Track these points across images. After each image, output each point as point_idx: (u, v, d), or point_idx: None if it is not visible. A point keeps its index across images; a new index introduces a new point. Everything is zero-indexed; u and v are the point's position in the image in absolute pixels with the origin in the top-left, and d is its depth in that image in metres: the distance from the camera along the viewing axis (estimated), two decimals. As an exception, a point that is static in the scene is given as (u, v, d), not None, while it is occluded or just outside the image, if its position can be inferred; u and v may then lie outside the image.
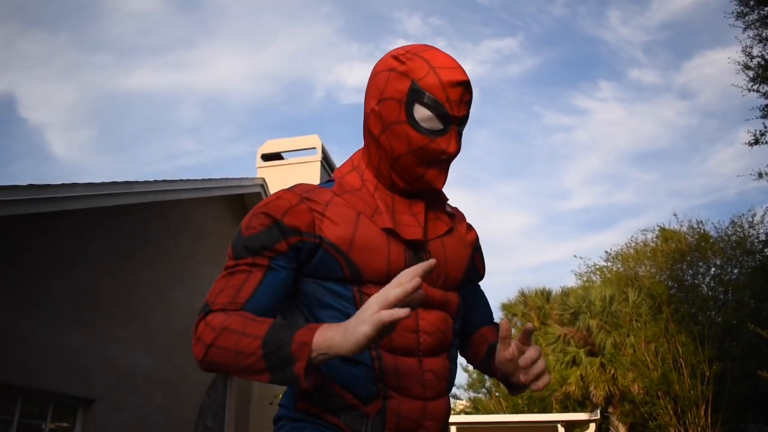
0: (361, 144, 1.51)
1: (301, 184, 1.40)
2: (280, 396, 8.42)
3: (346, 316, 1.29)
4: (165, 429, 7.71)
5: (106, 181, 6.53)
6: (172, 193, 7.83)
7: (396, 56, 1.37)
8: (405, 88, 1.33)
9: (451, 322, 1.43)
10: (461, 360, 21.43)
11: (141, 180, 7.12)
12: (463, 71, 1.35)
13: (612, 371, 16.93)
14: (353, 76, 51.81)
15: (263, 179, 10.38)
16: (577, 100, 45.61)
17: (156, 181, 7.43)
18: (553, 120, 45.49)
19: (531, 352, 1.28)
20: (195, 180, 8.41)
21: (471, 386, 20.42)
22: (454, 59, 1.36)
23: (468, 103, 1.36)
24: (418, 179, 1.38)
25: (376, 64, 1.42)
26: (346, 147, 56.40)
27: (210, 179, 8.86)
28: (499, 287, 51.85)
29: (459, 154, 1.39)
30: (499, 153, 49.64)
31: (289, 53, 52.68)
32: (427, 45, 1.39)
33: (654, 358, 14.83)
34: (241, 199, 10.31)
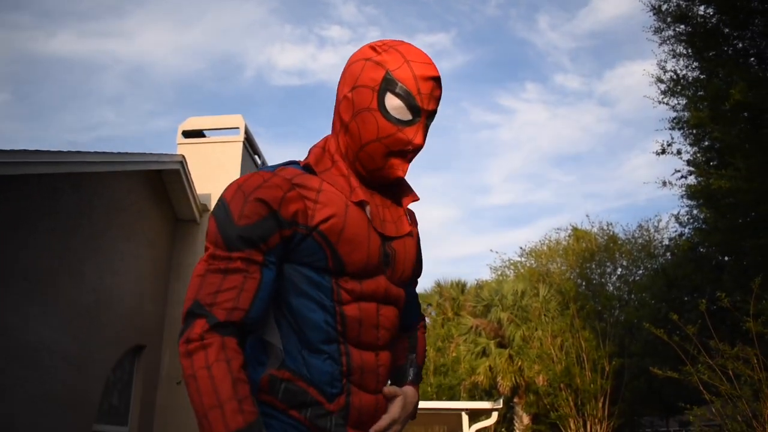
0: (287, 125, 1.55)
1: (283, 168, 1.40)
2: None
3: (321, 307, 1.32)
4: (68, 406, 7.55)
5: (17, 148, 6.32)
6: (85, 165, 7.62)
7: (373, 47, 1.42)
8: (379, 77, 1.36)
9: (399, 316, 1.49)
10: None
11: (53, 150, 6.91)
12: (436, 68, 1.40)
13: (519, 363, 17.48)
14: (285, 58, 51.20)
15: (183, 156, 10.20)
16: (504, 99, 46.73)
17: (69, 152, 7.22)
18: (479, 117, 46.48)
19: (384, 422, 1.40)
20: (111, 153, 8.21)
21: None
22: (427, 56, 1.41)
23: (437, 99, 1.41)
24: (381, 168, 1.41)
25: (353, 54, 1.45)
26: (274, 129, 55.57)
27: (127, 153, 8.66)
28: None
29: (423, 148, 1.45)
30: (426, 146, 50.13)
31: (220, 30, 51.57)
32: (403, 41, 1.44)
33: (559, 352, 15.42)
34: (158, 175, 10.11)
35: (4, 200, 6.69)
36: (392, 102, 1.36)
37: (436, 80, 1.39)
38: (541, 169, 47.01)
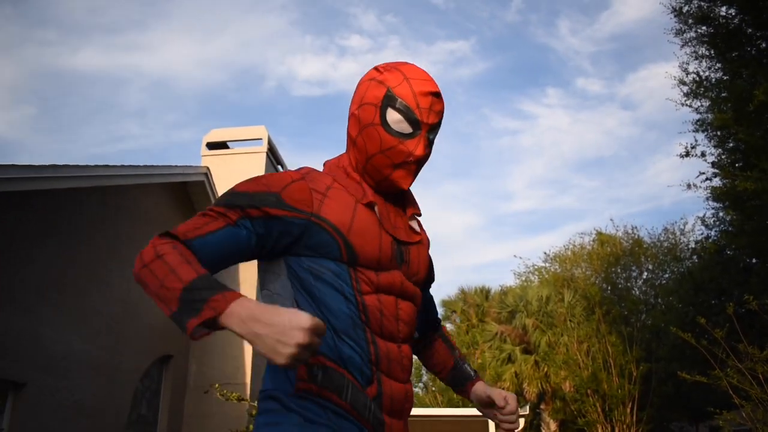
0: (308, 136, 1.70)
1: (305, 167, 1.54)
2: (217, 385, 8.36)
3: (343, 295, 1.41)
4: (97, 415, 7.66)
5: (46, 163, 6.46)
6: (112, 178, 7.76)
7: (377, 69, 1.55)
8: (381, 94, 1.49)
9: (416, 314, 1.60)
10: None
11: (81, 164, 7.04)
12: (435, 84, 1.51)
13: (545, 369, 17.38)
14: (306, 69, 51.49)
15: (207, 168, 10.33)
16: (525, 105, 46.50)
17: (96, 166, 7.36)
18: (500, 123, 46.30)
19: (512, 407, 1.69)
20: (137, 166, 8.34)
21: (407, 381, 20.68)
22: (427, 73, 1.53)
23: (438, 113, 1.51)
24: (386, 179, 1.52)
25: (362, 77, 1.58)
26: (295, 139, 55.88)
27: (152, 166, 8.80)
28: (440, 284, 52.45)
29: (428, 159, 1.56)
30: (447, 153, 50.10)
31: (242, 42, 51.98)
32: (407, 62, 1.56)
33: (585, 358, 15.29)
34: (183, 187, 10.25)
35: (34, 214, 6.83)
36: (393, 116, 1.48)
37: (435, 95, 1.50)
38: (564, 175, 46.69)
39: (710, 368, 9.19)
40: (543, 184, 48.28)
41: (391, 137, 1.48)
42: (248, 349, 10.08)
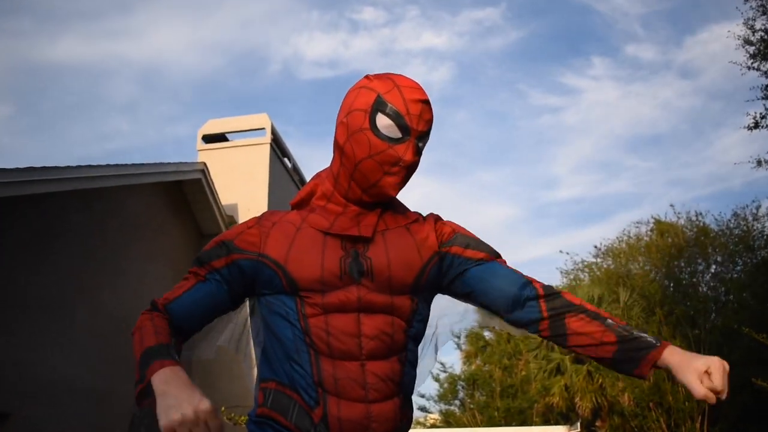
0: (319, 124, 1.88)
1: (266, 212, 1.84)
2: (223, 408, 8.50)
3: (289, 323, 1.66)
4: (90, 447, 7.80)
5: (23, 166, 6.58)
6: (97, 180, 7.87)
7: (367, 77, 1.74)
8: (371, 100, 1.67)
9: (403, 325, 1.68)
10: (433, 370, 21.69)
11: (62, 165, 7.16)
12: (424, 92, 1.71)
13: (600, 380, 17.32)
14: (313, 48, 51.50)
15: (204, 164, 10.43)
16: (567, 78, 46.01)
17: (79, 167, 7.47)
18: (539, 100, 45.88)
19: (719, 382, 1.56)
20: (125, 165, 8.46)
21: (442, 397, 20.75)
22: (417, 82, 1.72)
23: (428, 122, 1.70)
24: (374, 185, 1.69)
25: (350, 88, 1.78)
26: (304, 128, 55.91)
27: (142, 164, 8.91)
28: (478, 287, 52.12)
29: (416, 168, 1.73)
30: (479, 136, 49.84)
31: (240, 21, 52.12)
32: (396, 73, 1.75)
33: (646, 366, 15.21)
34: (178, 187, 10.35)
35: (11, 223, 6.96)
36: (383, 121, 1.66)
37: (425, 103, 1.69)
38: (616, 156, 46.27)
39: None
40: (591, 168, 47.90)
41: (381, 142, 1.65)
42: (256, 369, 10.19)
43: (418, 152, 1.70)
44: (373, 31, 48.69)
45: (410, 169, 1.70)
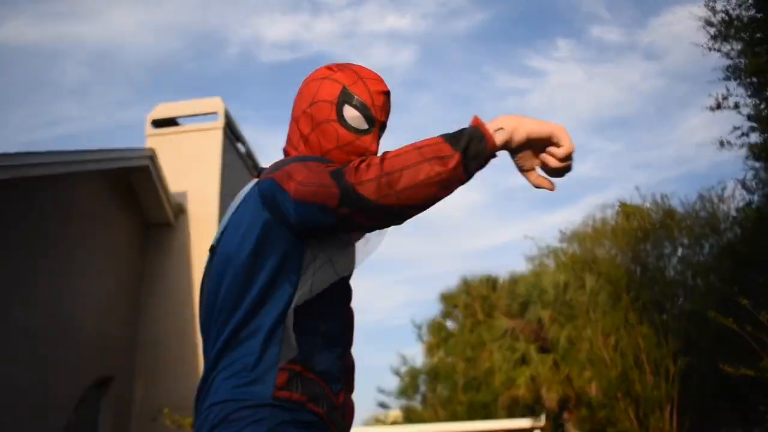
0: (279, 108, 1.95)
1: None
2: (166, 410, 8.40)
3: (346, 305, 1.72)
4: (32, 452, 7.70)
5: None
6: (36, 167, 7.73)
7: (329, 67, 1.84)
8: (337, 91, 1.78)
9: None
10: (392, 363, 21.70)
11: (-3, 152, 7.04)
12: (385, 83, 1.83)
13: (566, 370, 17.54)
14: (274, 31, 51.20)
15: (152, 150, 10.32)
16: (532, 60, 46.55)
17: (16, 154, 7.34)
18: (505, 82, 46.38)
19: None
20: (67, 152, 8.33)
21: (402, 392, 20.84)
22: (377, 73, 1.84)
23: (388, 112, 1.84)
24: None
25: (308, 76, 1.86)
26: (264, 112, 55.60)
27: (85, 151, 8.78)
28: (440, 275, 52.72)
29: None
30: (443, 119, 50.25)
31: (198, 2, 51.56)
32: (354, 63, 1.87)
33: (613, 354, 15.42)
34: (126, 175, 10.22)
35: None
36: (350, 113, 1.77)
37: (387, 95, 1.83)
38: (581, 139, 46.73)
39: (759, 359, 9.36)
40: (556, 150, 48.31)
41: (349, 133, 1.76)
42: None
43: (379, 140, 1.82)
44: (335, 13, 48.56)
45: None
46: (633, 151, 45.34)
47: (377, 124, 1.79)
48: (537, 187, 1.62)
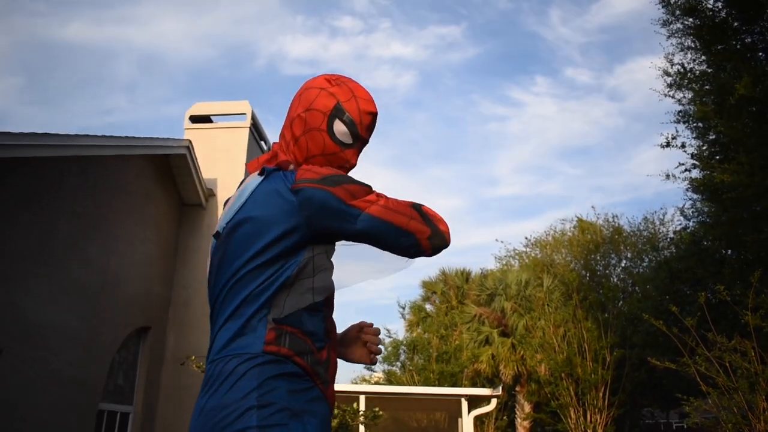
0: None
1: None
2: (193, 357, 8.38)
3: (329, 273, 1.67)
4: (74, 385, 7.69)
5: (26, 131, 6.41)
6: (94, 148, 7.71)
7: (328, 80, 1.75)
8: (331, 105, 1.70)
9: None
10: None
11: (62, 133, 7.00)
12: (376, 105, 1.76)
13: (522, 352, 17.53)
14: (296, 48, 51.10)
15: (189, 141, 10.29)
16: (513, 92, 46.60)
17: (77, 135, 7.31)
18: (488, 109, 46.37)
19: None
20: (118, 137, 8.30)
21: (386, 359, 20.81)
22: (370, 95, 1.76)
23: (372, 131, 1.77)
24: None
25: (307, 82, 1.78)
26: (283, 117, 55.38)
27: (134, 137, 8.75)
28: (422, 267, 52.74)
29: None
30: (434, 136, 50.20)
31: (234, 18, 51.55)
32: (353, 79, 1.78)
33: (561, 342, 15.45)
34: (166, 160, 10.21)
35: (13, 182, 6.79)
36: (339, 127, 1.71)
37: (375, 116, 1.76)
38: (549, 162, 46.98)
39: (681, 356, 9.37)
40: (528, 171, 48.52)
41: (335, 145, 1.70)
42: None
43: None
44: (349, 38, 48.49)
45: (352, 169, 1.77)
46: (592, 176, 45.49)
47: (361, 140, 1.75)
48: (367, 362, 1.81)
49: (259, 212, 1.57)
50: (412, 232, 1.58)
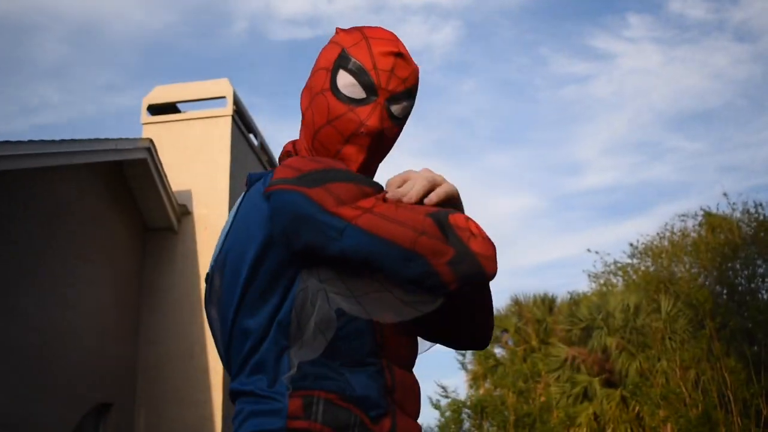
0: (295, 96, 1.90)
1: None
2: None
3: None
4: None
5: None
6: (15, 160, 7.75)
7: (338, 30, 1.77)
8: (334, 55, 1.69)
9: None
10: (432, 395, 21.71)
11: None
12: (400, 44, 1.70)
13: (636, 408, 17.43)
14: (289, 3, 51.36)
15: (150, 140, 10.32)
16: (598, 40, 46.13)
17: (-6, 143, 7.36)
18: (564, 67, 45.89)
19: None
20: (52, 142, 8.33)
21: (444, 429, 20.82)
22: (393, 33, 1.72)
23: (404, 81, 1.68)
24: (334, 157, 1.67)
25: None
26: (278, 100, 55.78)
27: (74, 141, 8.78)
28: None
29: (392, 140, 1.73)
30: (490, 111, 49.99)
31: (196, -34, 52.07)
32: (373, 26, 1.74)
33: (693, 391, 15.31)
34: (119, 169, 10.24)
35: None
36: (344, 79, 1.66)
37: (399, 56, 1.67)
38: (656, 135, 46.39)
39: None
40: (626, 150, 48.01)
41: (341, 104, 1.65)
42: (217, 391, 10.12)
43: (393, 118, 1.69)
44: (361, -20, 48.60)
45: (377, 138, 1.67)
46: (719, 151, 44.83)
47: (381, 93, 1.65)
48: None
49: (234, 238, 1.59)
50: (421, 254, 1.43)
